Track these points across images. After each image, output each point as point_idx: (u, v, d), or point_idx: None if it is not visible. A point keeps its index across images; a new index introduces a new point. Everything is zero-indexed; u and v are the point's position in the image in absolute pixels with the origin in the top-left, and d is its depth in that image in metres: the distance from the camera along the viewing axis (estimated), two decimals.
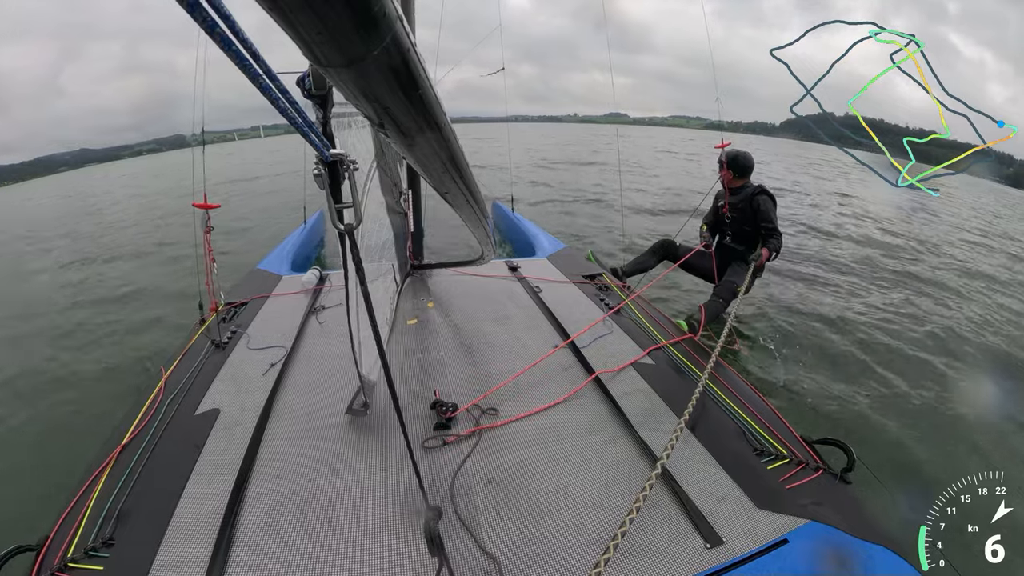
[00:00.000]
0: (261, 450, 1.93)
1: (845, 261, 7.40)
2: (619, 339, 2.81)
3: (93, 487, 1.73)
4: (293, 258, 4.72)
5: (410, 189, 3.87)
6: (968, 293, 6.42)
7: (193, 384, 2.35)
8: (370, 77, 0.82)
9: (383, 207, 2.81)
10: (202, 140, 2.95)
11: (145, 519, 1.59)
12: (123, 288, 6.49)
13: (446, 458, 1.89)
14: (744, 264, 3.79)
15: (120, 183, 22.58)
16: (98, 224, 11.99)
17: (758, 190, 3.75)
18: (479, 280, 3.78)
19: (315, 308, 3.24)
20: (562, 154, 22.19)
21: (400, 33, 0.76)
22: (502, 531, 1.57)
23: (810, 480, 1.77)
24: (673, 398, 2.21)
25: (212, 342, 2.74)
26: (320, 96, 1.21)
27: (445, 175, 1.60)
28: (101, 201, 17.00)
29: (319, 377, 2.45)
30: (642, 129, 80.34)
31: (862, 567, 1.45)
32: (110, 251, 8.66)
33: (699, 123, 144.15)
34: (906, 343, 4.62)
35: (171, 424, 2.06)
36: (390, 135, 1.14)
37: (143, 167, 35.85)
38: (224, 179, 15.98)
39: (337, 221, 1.04)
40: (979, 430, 3.29)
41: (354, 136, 2.04)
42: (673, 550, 1.49)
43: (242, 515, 1.62)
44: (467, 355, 2.70)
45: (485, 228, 2.76)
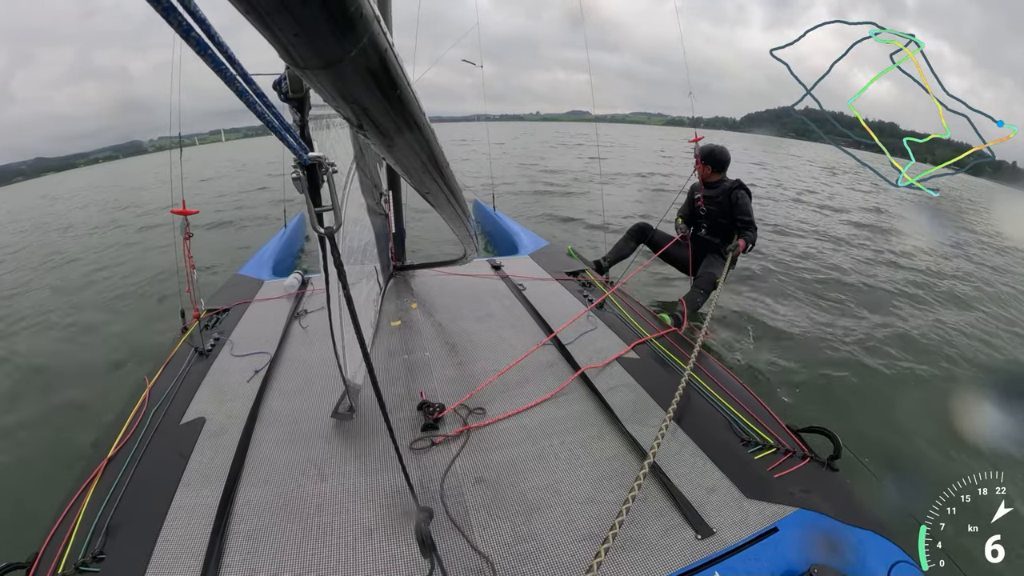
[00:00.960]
0: (248, 457, 1.91)
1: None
2: (604, 334, 2.83)
3: (81, 500, 1.70)
4: (274, 263, 4.67)
5: (390, 190, 3.85)
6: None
7: (177, 393, 2.32)
8: (348, 78, 0.81)
9: (364, 209, 2.79)
10: (179, 145, 2.90)
11: (135, 532, 1.57)
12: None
13: (435, 459, 1.89)
14: (719, 256, 3.83)
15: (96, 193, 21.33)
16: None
17: (736, 184, 3.79)
18: (462, 280, 3.77)
19: (298, 313, 3.21)
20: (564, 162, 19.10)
21: (377, 34, 0.76)
22: (493, 530, 1.57)
23: (797, 468, 1.79)
24: (659, 392, 2.23)
25: (195, 350, 2.70)
26: (297, 99, 1.19)
27: (425, 175, 1.59)
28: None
29: (304, 382, 2.42)
30: (621, 128, 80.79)
31: (852, 552, 1.47)
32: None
33: (660, 119, 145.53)
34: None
35: (157, 434, 2.03)
36: (369, 136, 1.13)
37: (103, 174, 34.81)
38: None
39: (317, 224, 1.03)
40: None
41: (333, 138, 2.03)
42: (665, 542, 1.50)
43: (232, 523, 1.60)
44: (452, 355, 2.69)
45: (467, 227, 2.76)
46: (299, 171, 0.99)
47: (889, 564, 1.45)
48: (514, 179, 13.16)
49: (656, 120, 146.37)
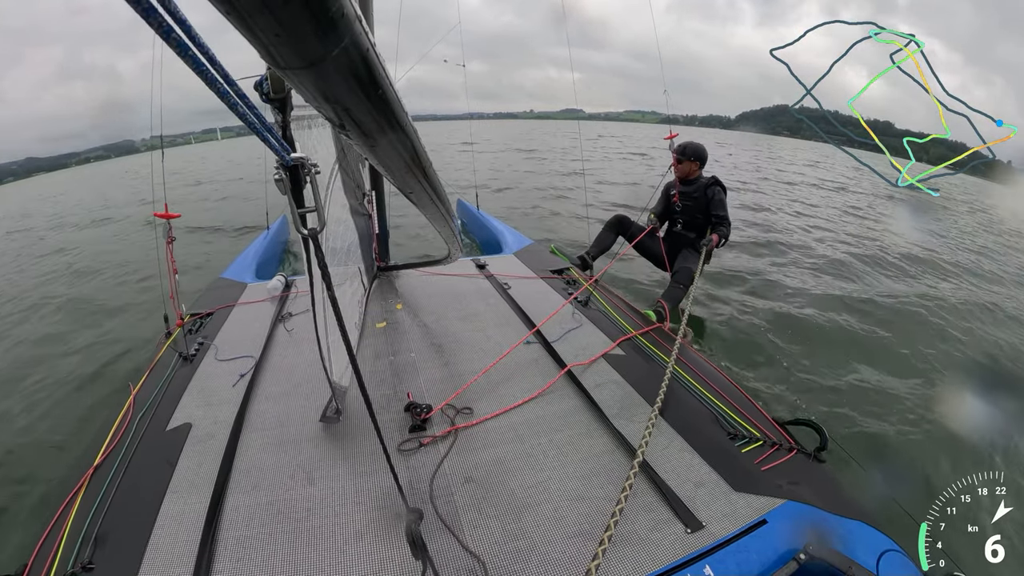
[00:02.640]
0: (236, 463, 1.89)
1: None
2: (589, 332, 2.84)
3: (69, 509, 1.67)
4: (257, 265, 4.62)
5: (373, 190, 3.83)
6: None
7: (163, 399, 2.29)
8: (330, 78, 0.81)
9: (347, 209, 2.78)
10: (161, 146, 2.84)
11: (123, 540, 1.55)
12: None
13: (423, 460, 1.88)
14: (694, 251, 3.87)
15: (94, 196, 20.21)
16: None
17: (712, 181, 3.85)
18: (447, 279, 3.76)
19: (282, 315, 3.17)
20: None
21: (359, 33, 0.76)
22: (484, 529, 1.57)
23: (785, 461, 1.81)
24: (645, 387, 2.25)
25: (179, 355, 2.67)
26: (279, 100, 1.18)
27: (408, 175, 1.59)
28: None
29: (290, 386, 2.40)
30: (617, 126, 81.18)
31: (841, 542, 1.49)
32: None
33: (654, 117, 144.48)
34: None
35: (143, 441, 2.01)
36: (352, 137, 1.13)
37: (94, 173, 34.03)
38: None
39: (300, 226, 1.02)
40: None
41: (315, 138, 2.01)
42: (655, 537, 1.51)
43: (221, 530, 1.59)
44: (438, 355, 2.69)
45: (451, 227, 2.75)
46: (281, 172, 0.98)
47: (878, 553, 1.47)
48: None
49: (650, 118, 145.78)
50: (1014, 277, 7.21)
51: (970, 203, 16.03)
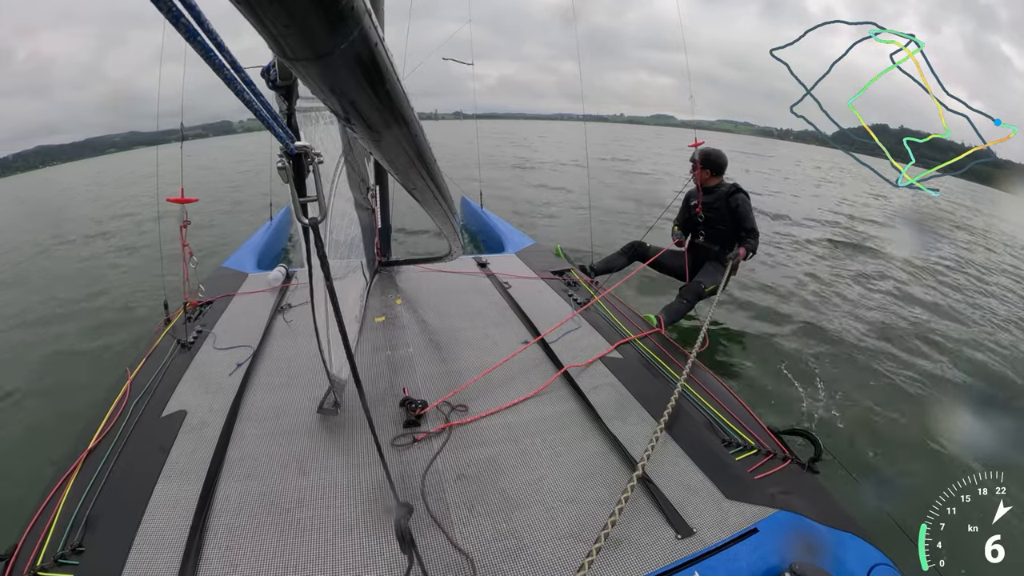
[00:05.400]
0: (229, 451, 1.89)
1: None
2: (588, 334, 2.84)
3: (61, 492, 1.68)
4: (259, 255, 4.63)
5: (377, 185, 3.83)
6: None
7: (159, 385, 2.30)
8: (337, 71, 0.81)
9: (351, 203, 2.78)
10: (181, 136, 2.85)
11: (114, 525, 1.55)
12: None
13: (416, 455, 1.89)
14: (719, 264, 3.79)
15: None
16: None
17: (733, 189, 3.75)
18: (448, 277, 3.76)
19: (282, 306, 3.18)
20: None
21: (368, 27, 0.76)
22: (474, 527, 1.57)
23: (778, 470, 1.81)
24: (642, 391, 2.24)
25: (178, 342, 2.67)
26: (285, 87, 1.19)
27: (412, 171, 1.59)
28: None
29: (286, 376, 2.41)
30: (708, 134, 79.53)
31: (831, 554, 1.48)
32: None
33: (748, 128, 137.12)
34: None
35: (137, 426, 2.01)
36: (357, 130, 1.13)
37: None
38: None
39: (301, 215, 1.03)
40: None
41: (321, 131, 2.02)
42: (645, 541, 1.51)
43: (212, 518, 1.59)
44: (436, 352, 2.69)
45: (453, 224, 2.76)
46: (284, 160, 0.99)
47: (868, 566, 1.46)
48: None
49: (744, 128, 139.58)
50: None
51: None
